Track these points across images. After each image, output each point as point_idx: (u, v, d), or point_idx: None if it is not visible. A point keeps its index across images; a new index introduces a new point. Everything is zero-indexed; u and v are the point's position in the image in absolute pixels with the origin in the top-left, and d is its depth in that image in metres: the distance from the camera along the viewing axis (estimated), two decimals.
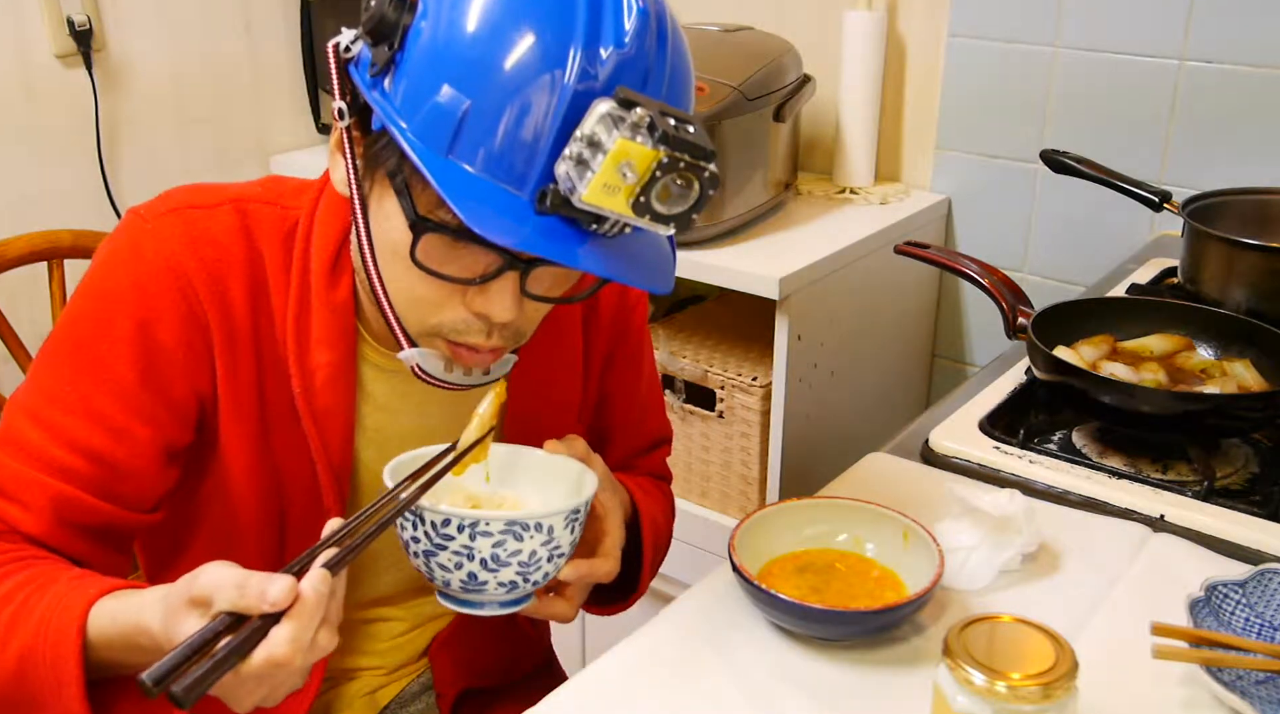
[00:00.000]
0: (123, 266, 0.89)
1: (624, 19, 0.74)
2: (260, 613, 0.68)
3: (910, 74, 1.91)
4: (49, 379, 0.88)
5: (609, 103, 0.71)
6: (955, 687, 0.70)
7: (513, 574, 0.83)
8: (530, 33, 0.73)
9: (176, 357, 0.88)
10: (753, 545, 0.94)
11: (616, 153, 0.69)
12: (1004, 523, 0.96)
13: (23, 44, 1.86)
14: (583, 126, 0.71)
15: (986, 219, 1.91)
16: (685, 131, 0.71)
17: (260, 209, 0.92)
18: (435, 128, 0.74)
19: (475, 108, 0.73)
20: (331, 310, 0.92)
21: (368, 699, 1.10)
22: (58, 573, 0.83)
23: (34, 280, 1.42)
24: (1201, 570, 0.92)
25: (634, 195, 0.71)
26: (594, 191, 0.71)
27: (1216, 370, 1.16)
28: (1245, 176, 1.59)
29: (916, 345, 2.00)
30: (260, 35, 2.19)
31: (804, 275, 1.60)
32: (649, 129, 0.70)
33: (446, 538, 0.81)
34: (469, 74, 0.73)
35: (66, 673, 0.77)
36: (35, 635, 0.79)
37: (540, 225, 0.74)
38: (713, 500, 1.81)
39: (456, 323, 0.84)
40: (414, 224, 0.78)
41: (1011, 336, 1.22)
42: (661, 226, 0.73)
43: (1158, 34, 1.66)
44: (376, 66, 0.77)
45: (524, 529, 0.82)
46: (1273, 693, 0.82)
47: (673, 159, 0.70)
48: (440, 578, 0.84)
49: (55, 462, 0.86)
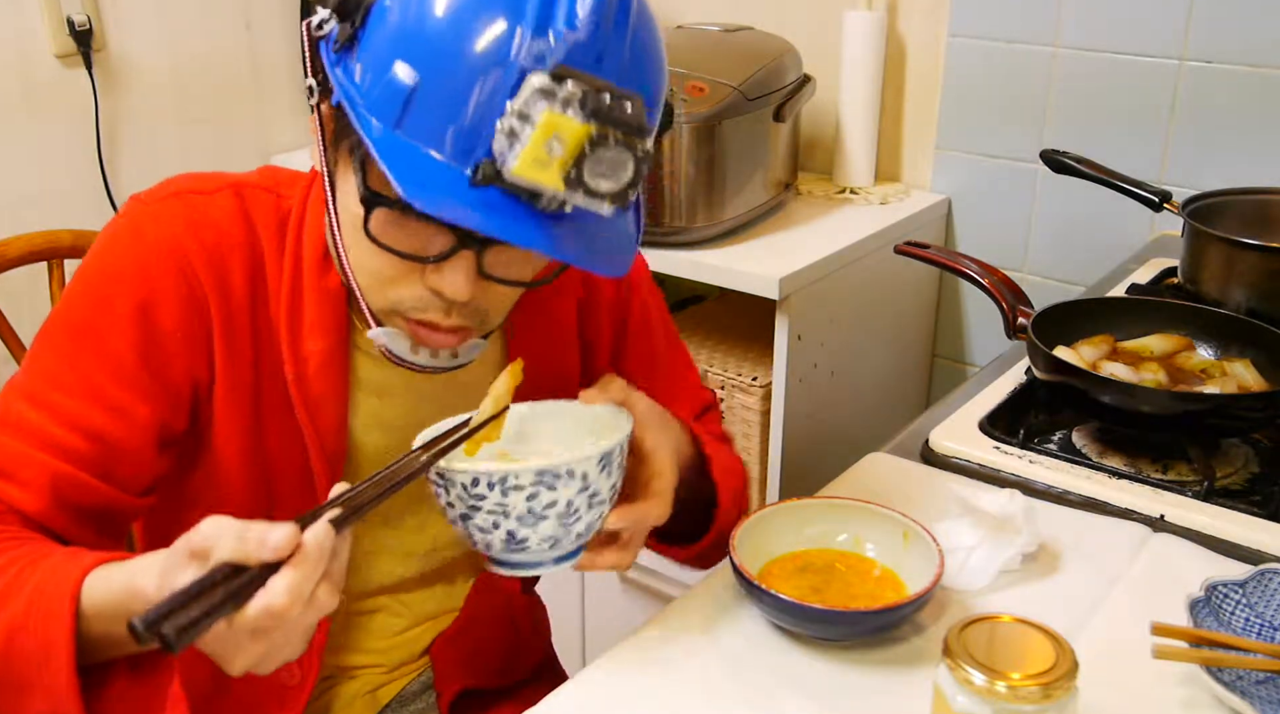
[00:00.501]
0: (124, 248, 0.89)
1: (578, 2, 0.74)
2: (260, 561, 0.67)
3: (910, 74, 1.91)
4: (47, 359, 0.88)
5: (542, 77, 0.71)
6: (955, 687, 0.70)
7: (553, 527, 0.82)
8: (483, 11, 0.73)
9: (176, 338, 0.88)
10: (753, 545, 0.94)
11: (544, 125, 0.70)
12: (1004, 523, 0.96)
13: (23, 44, 1.87)
14: (515, 100, 0.71)
15: (986, 219, 1.91)
16: (620, 108, 0.71)
17: (258, 194, 0.93)
18: (386, 103, 0.75)
19: (424, 84, 0.74)
20: (324, 297, 0.92)
21: (368, 698, 1.10)
22: (52, 548, 0.82)
23: (34, 280, 1.42)
24: (1201, 570, 0.92)
25: (565, 169, 0.71)
26: (524, 164, 0.71)
27: (1216, 370, 1.16)
28: (1245, 176, 1.59)
29: (916, 345, 2.01)
30: (260, 34, 2.19)
31: (804, 275, 1.60)
32: (579, 104, 0.70)
33: (479, 498, 0.80)
34: (421, 51, 0.74)
35: (57, 642, 0.75)
36: (27, 606, 0.77)
37: (481, 200, 0.74)
38: None
39: (414, 299, 0.85)
40: (364, 199, 0.80)
41: (1011, 336, 1.22)
42: (597, 203, 0.74)
43: (1158, 34, 1.66)
44: (339, 43, 0.78)
45: (555, 477, 0.80)
46: (1273, 693, 0.82)
47: (602, 134, 0.71)
48: (482, 541, 0.83)
49: (54, 440, 0.86)
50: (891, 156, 1.98)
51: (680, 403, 1.13)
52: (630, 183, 0.74)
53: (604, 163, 0.72)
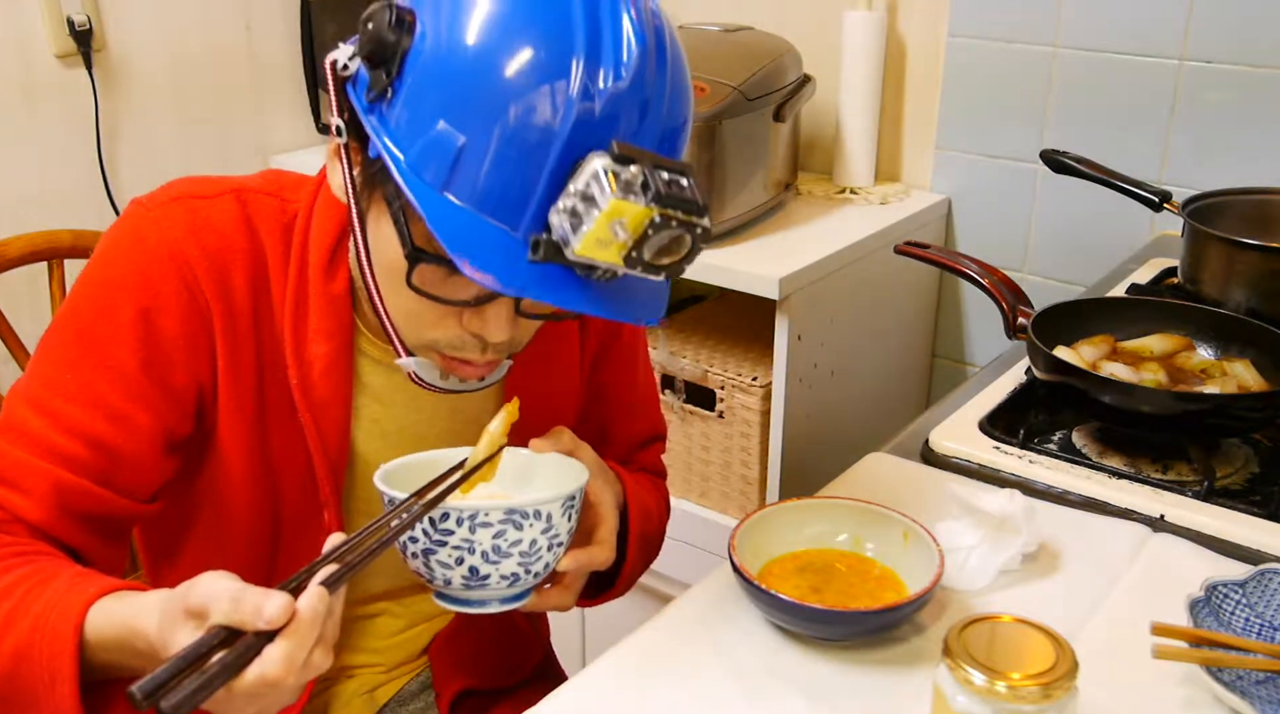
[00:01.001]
0: (125, 254, 0.89)
1: (623, 53, 0.74)
2: (255, 630, 0.68)
3: (910, 74, 1.91)
4: (50, 367, 0.89)
5: (604, 158, 0.71)
6: (955, 687, 0.70)
7: (514, 565, 0.83)
8: (527, 73, 0.72)
9: (178, 345, 0.88)
10: (753, 545, 0.94)
11: (609, 212, 0.69)
12: (1004, 523, 0.96)
13: (23, 44, 1.86)
14: (576, 181, 0.71)
15: (986, 219, 1.91)
16: (678, 187, 0.71)
17: (261, 199, 0.93)
18: (431, 161, 0.74)
19: (471, 144, 0.73)
20: (328, 302, 0.92)
21: (366, 698, 1.10)
22: (58, 569, 0.83)
23: (34, 280, 1.42)
24: (1201, 570, 0.92)
25: (626, 250, 0.71)
26: (587, 245, 0.71)
27: (1216, 370, 1.16)
28: (1245, 176, 1.59)
29: (916, 345, 2.00)
30: (260, 35, 2.19)
31: (804, 275, 1.60)
32: (642, 188, 0.70)
33: (445, 533, 0.81)
34: (466, 110, 0.73)
35: (61, 670, 0.77)
36: (32, 632, 0.79)
37: (534, 268, 0.74)
38: (713, 500, 1.81)
39: (452, 340, 0.85)
40: (409, 255, 0.79)
41: (1011, 336, 1.22)
42: (653, 276, 0.74)
43: (1158, 34, 1.66)
44: (374, 92, 0.77)
45: (523, 517, 0.82)
46: (1273, 693, 0.82)
47: (665, 218, 0.70)
48: (441, 577, 0.84)
49: (57, 448, 0.86)
50: (891, 156, 1.97)
51: (644, 423, 1.17)
52: (685, 257, 0.74)
53: (665, 241, 0.72)
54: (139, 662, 0.77)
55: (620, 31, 0.74)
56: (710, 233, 0.73)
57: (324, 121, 2.23)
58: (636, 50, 0.74)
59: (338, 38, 0.84)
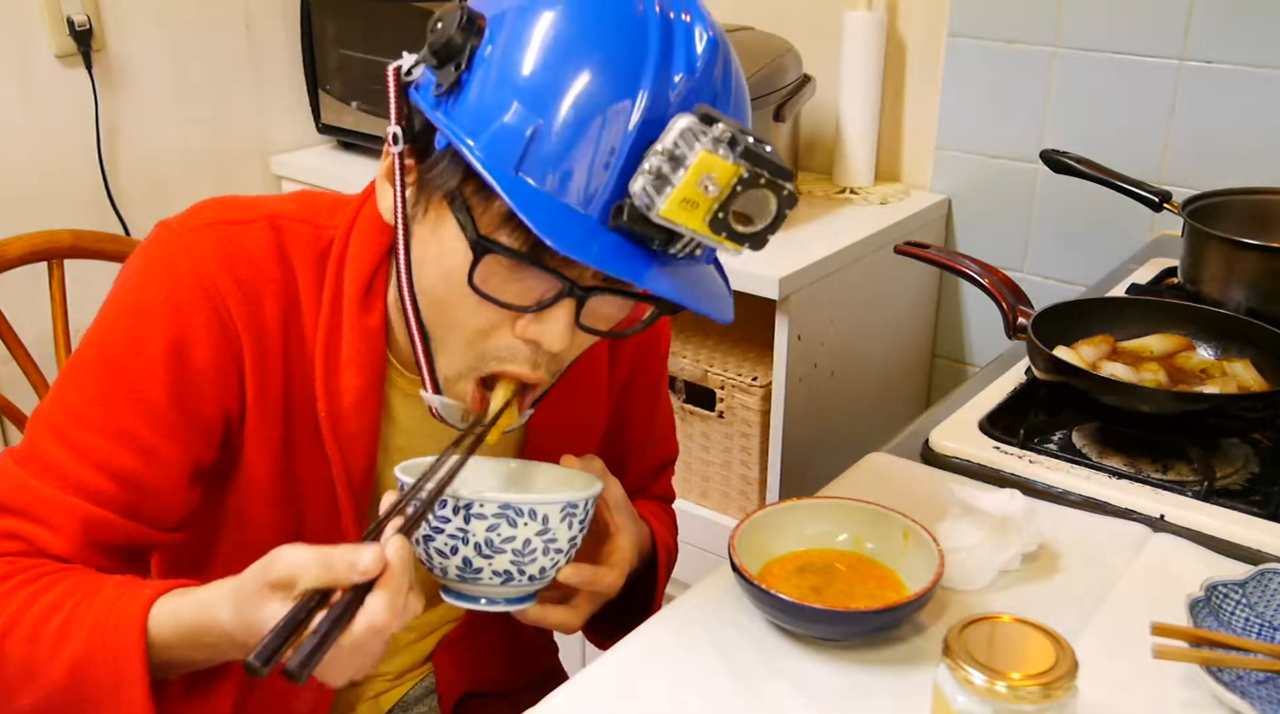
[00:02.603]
0: (156, 282, 0.87)
1: (695, 45, 0.74)
2: (350, 585, 0.70)
3: (910, 74, 1.91)
4: (77, 396, 0.87)
5: (689, 117, 0.71)
6: (955, 687, 0.70)
7: (507, 563, 0.83)
8: (604, 57, 0.73)
9: (208, 377, 0.87)
10: (753, 545, 0.94)
11: (699, 165, 0.69)
12: (1004, 523, 0.96)
13: (23, 44, 1.86)
14: (663, 140, 0.71)
15: (986, 219, 1.91)
16: (764, 148, 0.71)
17: (295, 227, 0.91)
18: (503, 146, 0.74)
19: (545, 128, 0.73)
20: (362, 335, 0.90)
21: (371, 703, 1.10)
22: (101, 580, 0.83)
23: (34, 280, 1.42)
24: (1201, 570, 0.92)
25: (712, 211, 0.70)
26: (672, 207, 0.70)
27: (1216, 370, 1.16)
28: (1245, 176, 1.59)
29: (916, 345, 2.00)
30: (260, 35, 2.18)
31: (804, 275, 1.60)
32: (730, 144, 0.69)
33: (443, 520, 0.81)
34: (539, 95, 0.73)
35: (128, 673, 0.77)
36: (89, 643, 0.78)
37: (610, 243, 0.73)
38: (713, 500, 1.81)
39: (502, 349, 0.83)
40: (475, 244, 0.77)
41: (1011, 336, 1.22)
42: (736, 245, 0.73)
43: (1158, 34, 1.66)
44: (442, 87, 0.76)
45: (517, 514, 0.82)
46: (1273, 693, 0.82)
47: (754, 174, 0.70)
48: (439, 565, 0.84)
49: (83, 483, 0.85)
50: (891, 156, 1.97)
51: (661, 450, 1.18)
52: (770, 225, 0.73)
53: (752, 204, 0.71)
54: (208, 654, 0.79)
55: (691, 28, 0.75)
56: (795, 198, 0.72)
57: (325, 121, 2.23)
58: (707, 48, 0.75)
59: (338, 37, 0.83)
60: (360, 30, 2.07)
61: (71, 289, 1.41)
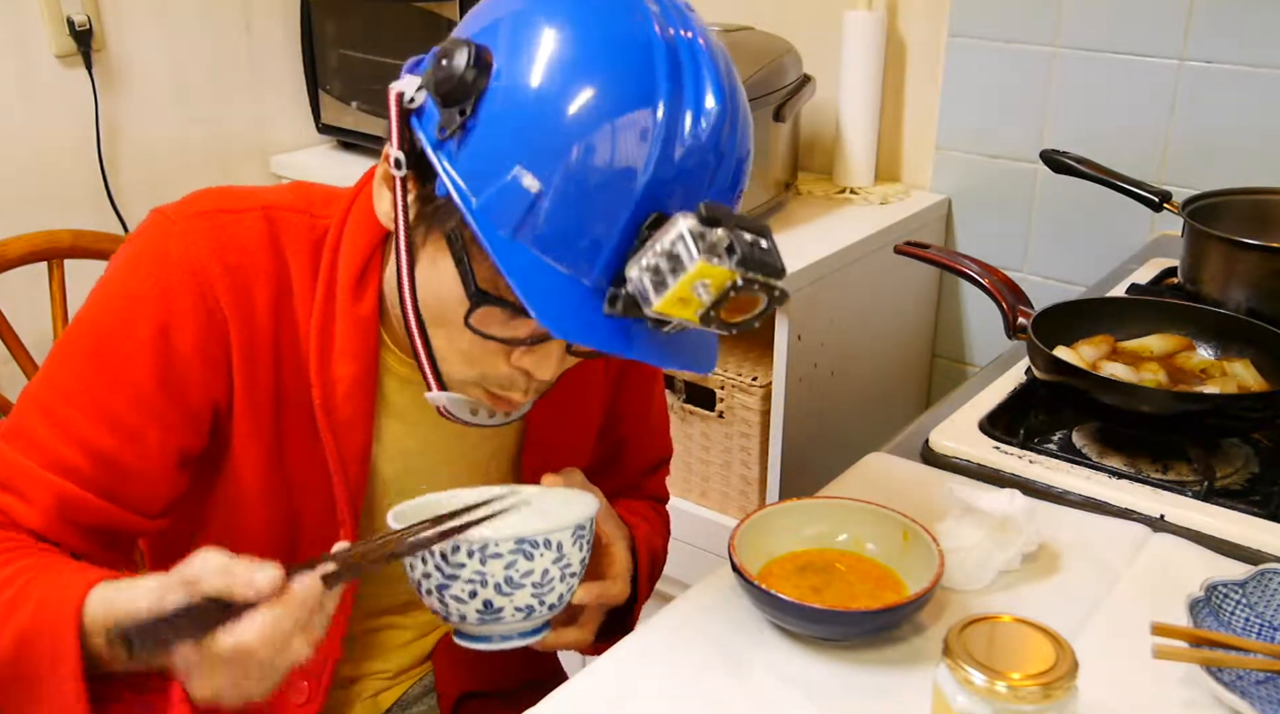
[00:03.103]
0: (146, 268, 0.87)
1: (705, 105, 0.74)
2: (244, 599, 0.69)
3: (910, 74, 1.91)
4: (64, 375, 0.88)
5: (690, 219, 0.70)
6: (955, 687, 0.70)
7: (528, 597, 0.83)
8: (608, 122, 0.72)
9: (195, 363, 0.87)
10: (753, 545, 0.94)
11: (695, 274, 0.69)
12: (1004, 523, 0.96)
13: (23, 44, 1.86)
14: (662, 241, 0.70)
15: (986, 219, 1.91)
16: (760, 249, 0.71)
17: (289, 217, 0.91)
18: (503, 208, 0.73)
19: (546, 193, 0.72)
20: (355, 323, 0.90)
21: (370, 702, 1.10)
22: (62, 561, 0.83)
23: (34, 280, 1.42)
24: (1201, 570, 0.92)
25: (705, 309, 0.71)
26: (667, 303, 0.71)
27: (1216, 370, 1.16)
28: (1245, 177, 1.58)
29: (916, 345, 2.00)
30: (260, 35, 2.18)
31: (804, 275, 1.60)
32: (727, 251, 0.70)
33: (458, 566, 0.81)
34: (543, 158, 0.72)
35: (64, 650, 0.77)
36: (34, 616, 0.79)
37: (605, 320, 0.74)
38: (713, 500, 1.81)
39: (499, 377, 0.84)
40: (473, 295, 0.78)
41: (1011, 336, 1.22)
42: (723, 332, 0.74)
43: (1158, 34, 1.66)
44: (446, 131, 0.75)
45: (534, 546, 0.81)
46: (1273, 693, 0.82)
47: (748, 281, 0.70)
48: (456, 612, 0.83)
49: (62, 460, 0.85)
50: (891, 156, 1.97)
51: (655, 446, 1.18)
52: (758, 316, 0.74)
53: (742, 302, 0.72)
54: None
55: (701, 80, 0.74)
56: (787, 295, 0.73)
57: (325, 121, 2.23)
58: (716, 101, 0.74)
59: (338, 38, 0.83)
60: (360, 30, 2.07)
61: (71, 289, 1.41)
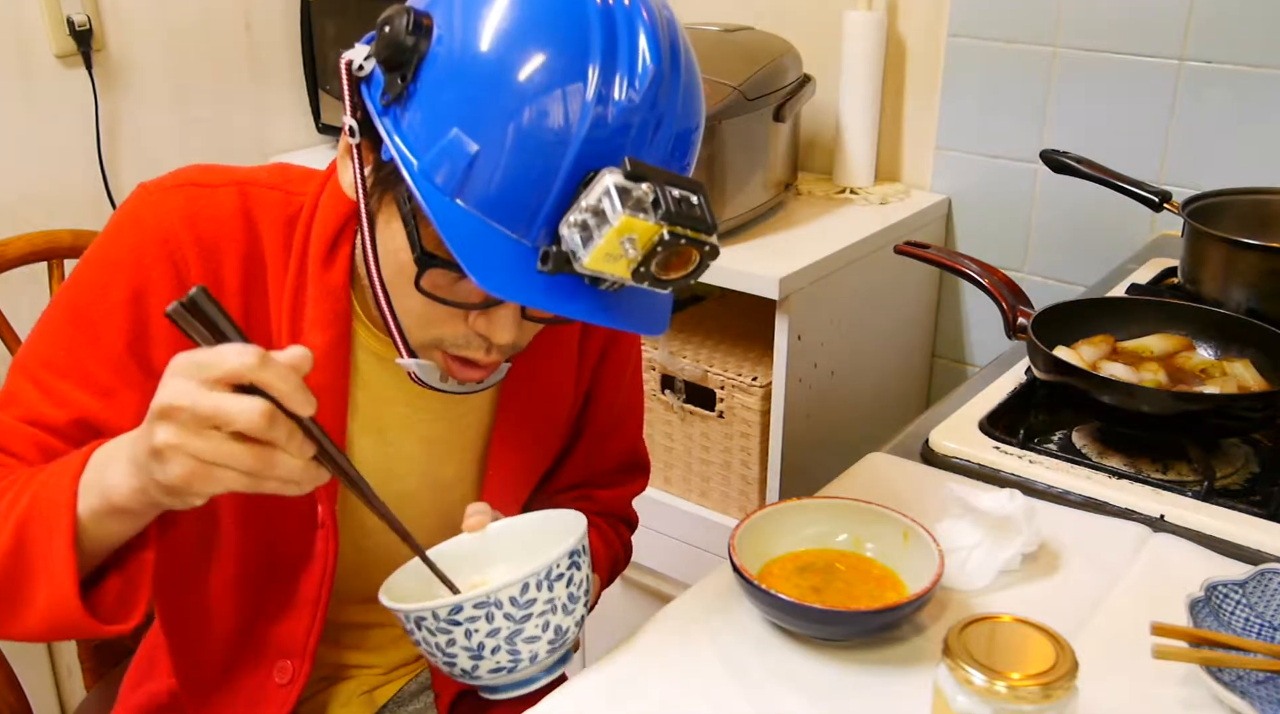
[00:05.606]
0: (124, 236, 0.91)
1: (638, 63, 0.74)
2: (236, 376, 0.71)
3: (910, 74, 1.91)
4: (47, 339, 0.92)
5: (615, 174, 0.71)
6: (955, 687, 0.70)
7: (551, 631, 0.84)
8: (543, 84, 0.73)
9: (165, 327, 0.89)
10: (753, 545, 0.94)
11: (620, 228, 0.70)
12: (1004, 523, 0.96)
13: (23, 44, 1.86)
14: (588, 196, 0.72)
15: (986, 219, 1.91)
16: (688, 204, 0.72)
17: (264, 193, 0.94)
18: (444, 168, 0.75)
19: (485, 154, 0.74)
20: (326, 292, 0.92)
21: (365, 698, 1.10)
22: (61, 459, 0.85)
23: (34, 280, 1.42)
24: (1201, 570, 0.92)
25: (634, 264, 0.72)
26: (596, 259, 0.72)
27: (1216, 370, 1.16)
28: (1245, 176, 1.59)
29: (916, 345, 2.01)
30: (260, 35, 2.18)
31: (804, 275, 1.60)
32: (653, 205, 0.70)
33: (471, 622, 0.81)
34: (481, 117, 0.74)
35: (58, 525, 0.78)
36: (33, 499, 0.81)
37: (545, 280, 0.75)
38: (713, 500, 1.81)
39: (457, 338, 0.86)
40: (419, 259, 0.80)
41: (1011, 336, 1.22)
42: (659, 289, 0.75)
43: (1158, 34, 1.66)
44: (389, 96, 0.77)
45: (545, 576, 0.82)
46: (1273, 693, 0.82)
47: (674, 235, 0.71)
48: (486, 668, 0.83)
49: (44, 418, 0.89)
50: (891, 156, 1.98)
51: (618, 441, 1.17)
52: (692, 273, 0.75)
53: (673, 258, 0.73)
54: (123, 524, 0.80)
55: (636, 42, 0.75)
56: (718, 250, 0.74)
57: (325, 121, 2.23)
58: (652, 62, 0.75)
59: (338, 38, 0.84)
60: (360, 30, 2.06)
61: None
